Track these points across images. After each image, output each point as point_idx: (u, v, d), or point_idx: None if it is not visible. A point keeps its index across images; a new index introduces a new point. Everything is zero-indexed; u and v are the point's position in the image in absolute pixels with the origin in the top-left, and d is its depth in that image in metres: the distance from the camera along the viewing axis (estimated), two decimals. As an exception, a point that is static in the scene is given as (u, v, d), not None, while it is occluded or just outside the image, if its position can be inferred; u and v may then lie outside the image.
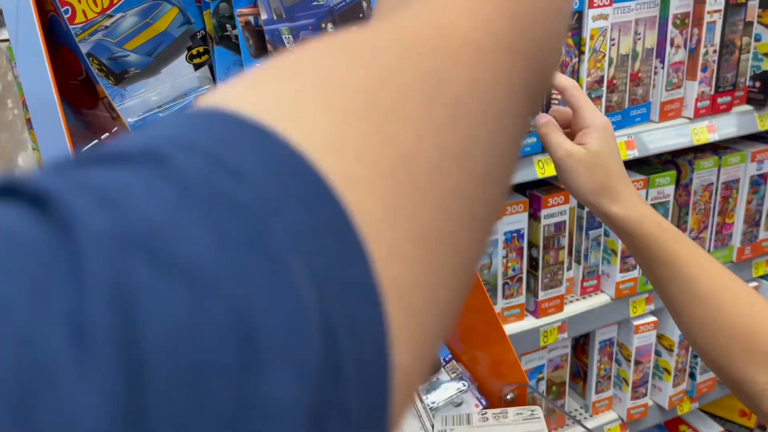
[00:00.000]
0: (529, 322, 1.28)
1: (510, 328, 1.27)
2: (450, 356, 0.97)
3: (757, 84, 1.31)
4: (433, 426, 0.82)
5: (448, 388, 0.89)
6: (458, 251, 0.18)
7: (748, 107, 1.32)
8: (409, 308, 0.15)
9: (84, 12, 0.62)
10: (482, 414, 0.85)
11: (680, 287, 0.58)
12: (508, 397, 0.88)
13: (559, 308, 1.29)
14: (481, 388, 0.94)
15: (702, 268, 0.58)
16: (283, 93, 0.16)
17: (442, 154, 0.17)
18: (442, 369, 0.93)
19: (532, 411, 0.82)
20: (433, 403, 0.87)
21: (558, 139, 0.62)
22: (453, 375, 0.92)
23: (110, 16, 0.63)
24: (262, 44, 0.61)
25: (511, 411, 0.84)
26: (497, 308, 1.25)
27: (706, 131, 1.26)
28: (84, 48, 0.63)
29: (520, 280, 1.25)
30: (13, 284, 0.10)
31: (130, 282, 0.11)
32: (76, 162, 0.13)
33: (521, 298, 1.27)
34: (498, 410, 0.85)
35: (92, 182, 0.12)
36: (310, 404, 0.13)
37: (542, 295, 1.26)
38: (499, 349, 0.92)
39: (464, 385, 0.89)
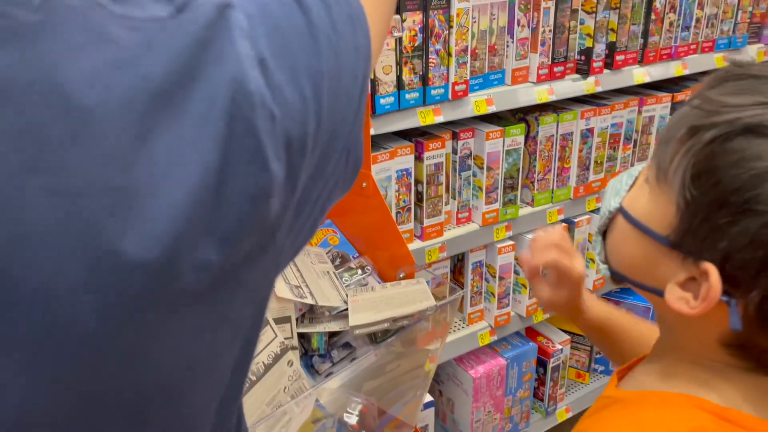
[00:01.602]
0: (416, 244, 1.60)
1: (401, 249, 1.58)
2: (357, 254, 1.26)
3: (582, 57, 1.71)
4: (347, 294, 1.11)
5: (356, 273, 1.19)
6: (384, 21, 0.47)
7: (577, 76, 1.72)
8: (373, 30, 0.43)
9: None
10: (382, 285, 1.15)
11: (624, 343, 0.85)
12: (401, 275, 1.19)
13: (440, 233, 1.62)
14: (381, 276, 1.24)
15: (631, 336, 0.85)
16: None
17: None
18: (351, 263, 1.23)
19: (418, 281, 1.14)
20: (346, 282, 1.16)
21: (539, 288, 0.86)
22: (361, 267, 1.22)
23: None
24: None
25: (403, 282, 1.15)
26: (391, 233, 1.56)
27: (546, 93, 1.64)
28: None
29: (409, 209, 1.57)
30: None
31: None
32: None
33: (410, 225, 1.58)
34: (393, 282, 1.16)
35: None
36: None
37: (426, 222, 1.59)
38: (395, 247, 1.22)
39: (368, 270, 1.19)
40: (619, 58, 1.77)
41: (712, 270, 0.50)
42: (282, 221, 0.33)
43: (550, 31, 1.61)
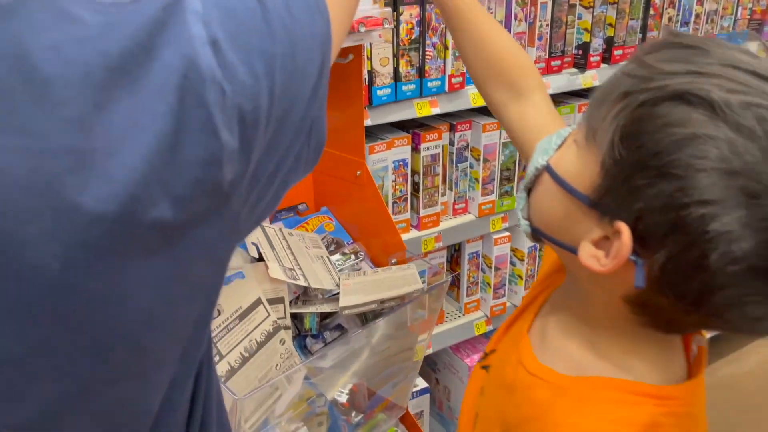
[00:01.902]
0: (412, 234, 1.64)
1: (398, 238, 1.62)
2: (352, 241, 1.30)
3: (580, 52, 1.73)
4: (339, 278, 1.15)
5: (350, 258, 1.23)
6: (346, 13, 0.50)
7: (574, 70, 1.74)
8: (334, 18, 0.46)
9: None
10: (373, 270, 1.19)
11: (466, 34, 0.88)
12: (393, 261, 1.23)
13: (436, 223, 1.66)
14: (374, 262, 1.28)
15: (483, 23, 0.87)
16: None
17: None
18: (345, 248, 1.26)
19: (408, 266, 1.17)
20: (339, 265, 1.20)
21: None
22: (354, 252, 1.25)
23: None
24: None
25: (394, 267, 1.18)
26: (388, 222, 1.60)
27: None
28: None
29: (405, 200, 1.60)
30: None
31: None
32: None
33: (407, 215, 1.62)
34: (385, 267, 1.20)
35: None
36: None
37: (423, 212, 1.63)
38: (388, 234, 1.26)
39: (360, 256, 1.23)
40: (617, 52, 1.79)
41: (625, 229, 0.52)
42: (236, 189, 0.37)
43: (547, 25, 1.63)
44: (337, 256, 1.24)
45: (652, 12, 1.82)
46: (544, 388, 0.61)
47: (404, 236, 1.63)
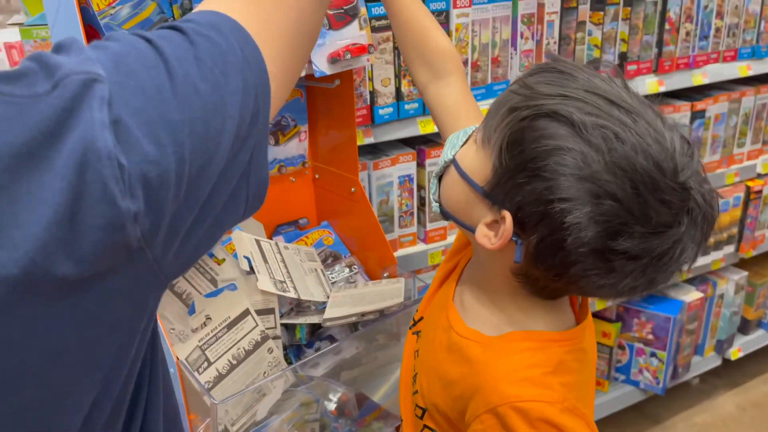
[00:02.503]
0: (419, 247, 1.68)
1: (405, 251, 1.66)
2: (349, 254, 1.36)
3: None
4: (330, 290, 1.21)
5: (343, 271, 1.28)
6: (295, 51, 0.55)
7: (585, 86, 1.75)
8: (275, 79, 0.51)
9: (97, 4, 0.98)
10: (364, 284, 1.24)
11: (397, 18, 0.96)
12: (385, 275, 1.27)
13: (443, 237, 1.69)
14: (370, 275, 1.33)
15: (410, 6, 0.95)
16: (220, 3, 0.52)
17: (284, 13, 0.53)
18: (343, 262, 1.32)
19: (397, 280, 1.22)
20: (332, 279, 1.26)
21: None
22: (350, 265, 1.31)
23: (113, 7, 1.00)
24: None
25: (384, 281, 1.23)
26: (395, 235, 1.65)
27: (552, 103, 1.68)
28: (96, 27, 0.99)
29: (412, 214, 1.65)
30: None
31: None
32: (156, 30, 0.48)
33: (413, 228, 1.66)
34: (376, 281, 1.24)
35: (158, 34, 0.46)
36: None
37: (429, 226, 1.67)
38: (381, 248, 1.31)
39: (355, 269, 1.28)
40: (630, 67, 1.79)
41: (508, 216, 0.66)
42: (151, 241, 0.42)
43: (555, 43, 1.65)
44: (336, 268, 1.29)
45: (667, 27, 1.81)
46: (474, 347, 0.75)
47: (411, 249, 1.68)
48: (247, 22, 0.50)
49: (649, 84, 1.83)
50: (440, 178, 0.78)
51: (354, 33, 1.08)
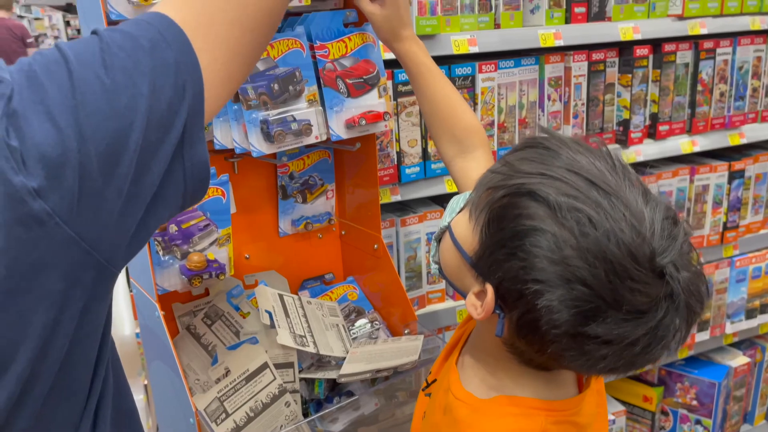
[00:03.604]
0: (448, 304, 1.69)
1: (433, 307, 1.68)
2: (373, 310, 1.38)
3: (621, 128, 1.75)
4: (350, 345, 1.23)
5: (365, 327, 1.31)
6: (243, 50, 0.61)
7: (616, 145, 1.76)
8: (213, 65, 0.57)
9: None
10: (384, 339, 1.26)
11: (425, 96, 1.03)
12: (406, 332, 1.29)
13: (472, 294, 1.70)
14: (392, 331, 1.35)
15: (437, 85, 1.02)
16: (176, 4, 0.58)
17: (234, 14, 0.59)
18: (366, 317, 1.35)
19: (416, 337, 1.23)
20: (354, 334, 1.28)
21: (364, 4, 1.04)
22: (373, 321, 1.33)
23: None
24: (236, 95, 1.05)
25: (404, 338, 1.25)
26: (423, 291, 1.67)
27: (581, 162, 1.70)
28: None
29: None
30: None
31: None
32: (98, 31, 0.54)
33: (442, 285, 1.68)
34: (396, 337, 1.26)
35: (71, 41, 0.53)
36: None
37: (458, 283, 1.68)
38: (403, 305, 1.33)
39: (376, 325, 1.31)
40: (662, 128, 1.79)
41: (490, 290, 0.67)
42: (68, 216, 0.48)
43: (582, 104, 1.68)
44: (359, 323, 1.32)
45: (700, 88, 1.81)
46: (463, 408, 0.75)
47: (439, 306, 1.69)
48: (175, 10, 0.58)
49: (682, 144, 1.82)
50: (439, 240, 0.81)
51: (372, 101, 1.13)
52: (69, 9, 4.32)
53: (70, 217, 0.49)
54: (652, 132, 1.80)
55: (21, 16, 7.01)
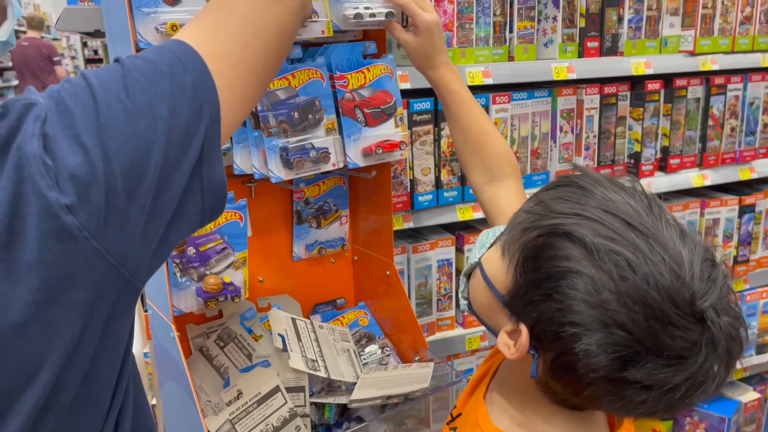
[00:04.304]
0: (457, 331, 1.69)
1: (442, 334, 1.68)
2: (383, 336, 1.39)
3: (632, 161, 1.77)
4: (361, 370, 1.24)
5: (376, 353, 1.31)
6: (255, 71, 0.65)
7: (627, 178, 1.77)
8: (229, 87, 0.61)
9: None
10: (394, 366, 1.27)
11: (457, 123, 1.03)
12: (416, 359, 1.30)
13: (481, 322, 1.70)
14: (402, 357, 1.35)
15: (470, 112, 1.02)
16: (194, 30, 0.62)
17: (247, 37, 0.63)
18: (376, 343, 1.35)
19: (427, 364, 1.24)
20: (364, 360, 1.29)
21: (399, 33, 1.06)
22: (384, 347, 1.34)
23: None
24: (257, 122, 1.08)
25: (414, 364, 1.26)
26: (432, 318, 1.67)
27: (592, 194, 1.71)
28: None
29: (450, 297, 1.68)
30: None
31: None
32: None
33: (452, 312, 1.69)
34: (407, 363, 1.27)
35: (96, 70, 0.56)
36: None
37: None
38: (414, 332, 1.33)
39: (387, 351, 1.31)
40: (673, 161, 1.81)
41: (525, 330, 0.66)
42: (96, 231, 0.51)
43: (594, 136, 1.70)
44: (369, 349, 1.33)
45: (711, 123, 1.83)
46: None
47: (449, 333, 1.69)
48: (193, 36, 0.62)
49: (693, 178, 1.83)
50: (469, 276, 0.79)
51: (389, 130, 1.16)
52: (94, 33, 4.40)
53: (97, 232, 0.51)
54: (663, 165, 1.81)
55: (41, 37, 7.16)
